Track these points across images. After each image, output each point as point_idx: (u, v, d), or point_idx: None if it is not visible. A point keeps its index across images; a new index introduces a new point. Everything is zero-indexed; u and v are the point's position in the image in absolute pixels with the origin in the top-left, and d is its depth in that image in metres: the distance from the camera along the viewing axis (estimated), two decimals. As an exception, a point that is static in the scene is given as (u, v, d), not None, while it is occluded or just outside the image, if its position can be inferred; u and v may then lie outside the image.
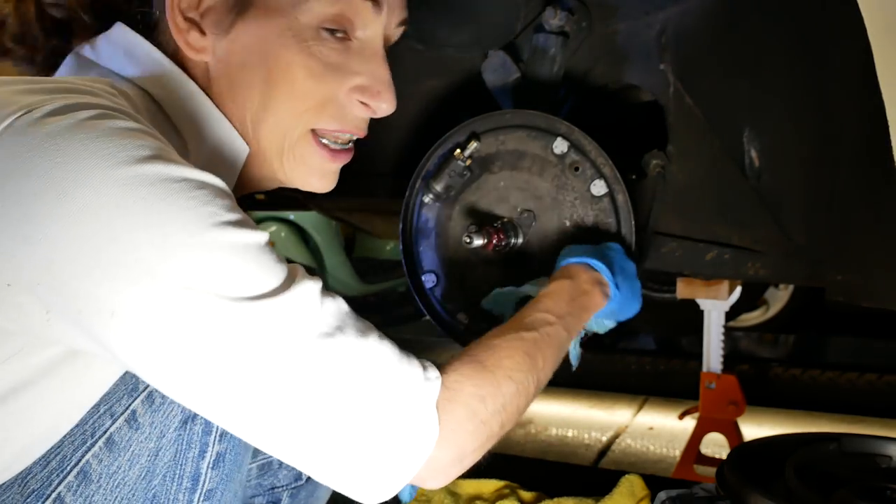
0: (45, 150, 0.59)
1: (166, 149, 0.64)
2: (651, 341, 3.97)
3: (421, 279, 1.31)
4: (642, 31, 1.32)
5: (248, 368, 0.61)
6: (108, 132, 0.61)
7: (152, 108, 0.76)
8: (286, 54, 0.79)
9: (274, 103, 0.81)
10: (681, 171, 1.34)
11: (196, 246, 0.60)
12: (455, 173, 1.25)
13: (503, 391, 0.74)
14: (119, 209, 0.58)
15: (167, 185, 0.60)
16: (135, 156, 0.60)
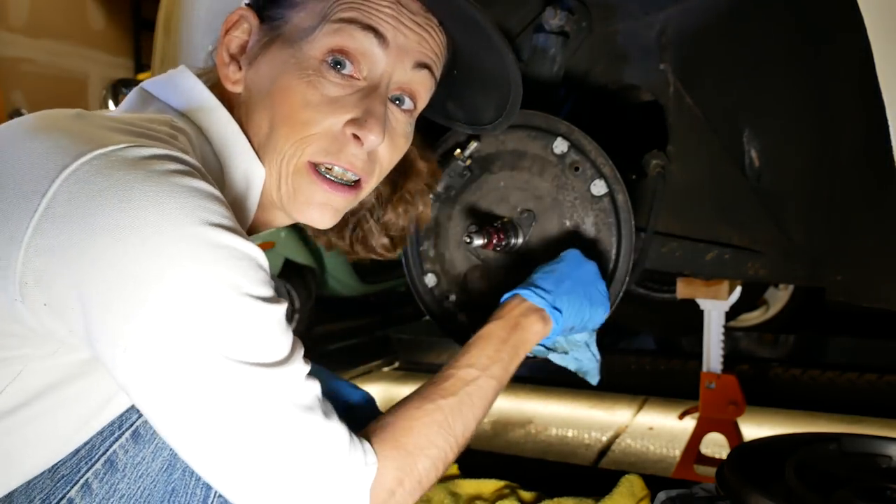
0: (121, 194, 0.65)
1: (230, 215, 0.71)
2: (651, 341, 3.97)
3: (421, 279, 1.31)
4: (642, 31, 1.32)
5: (233, 422, 0.68)
6: (187, 190, 0.67)
7: (200, 138, 0.83)
8: (287, 80, 0.84)
9: (276, 130, 0.85)
10: (681, 171, 1.34)
11: (226, 309, 0.67)
12: (455, 173, 1.25)
13: (419, 468, 0.83)
14: (173, 254, 0.65)
15: (221, 250, 0.67)
16: (205, 218, 0.67)
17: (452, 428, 0.88)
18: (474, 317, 1.29)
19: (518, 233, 1.22)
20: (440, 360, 3.79)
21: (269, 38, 0.86)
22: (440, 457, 0.86)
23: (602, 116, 1.45)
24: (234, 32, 0.88)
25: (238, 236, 0.69)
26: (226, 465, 0.70)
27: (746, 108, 1.25)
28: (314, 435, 0.73)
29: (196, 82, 0.86)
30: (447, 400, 0.89)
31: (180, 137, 0.76)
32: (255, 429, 0.69)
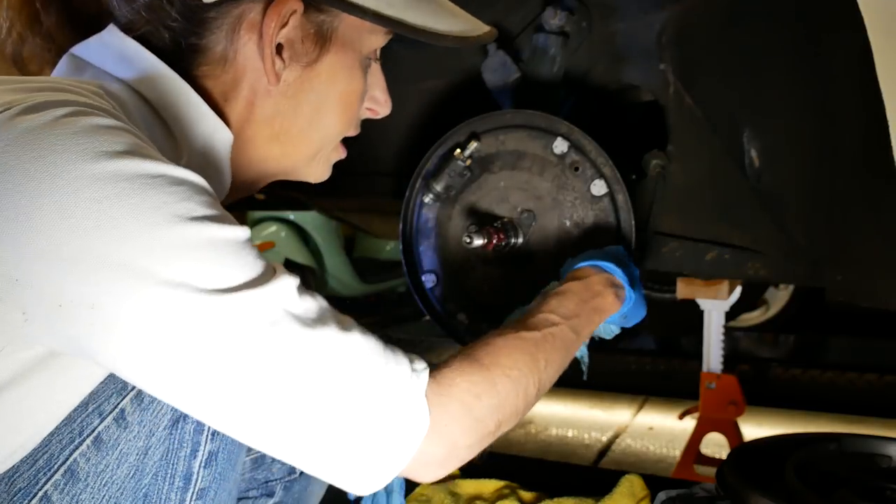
0: (20, 147, 0.59)
1: (143, 145, 0.64)
2: (651, 341, 3.97)
3: (421, 279, 1.31)
4: (642, 31, 1.32)
5: (230, 362, 0.61)
6: (84, 129, 0.61)
7: (144, 110, 0.76)
8: (354, 84, 0.87)
9: (326, 123, 0.87)
10: (681, 171, 1.34)
11: (173, 242, 0.60)
12: (455, 173, 1.25)
13: (499, 389, 0.73)
14: (94, 205, 0.58)
15: (143, 181, 0.60)
16: (110, 151, 0.60)
17: (536, 360, 0.79)
18: (474, 317, 1.29)
19: (518, 233, 1.22)
20: (440, 360, 3.78)
21: (323, 38, 0.83)
22: (524, 384, 0.76)
23: (602, 116, 1.45)
24: (289, 28, 0.80)
25: (164, 163, 0.63)
26: (238, 412, 0.63)
27: (746, 108, 1.25)
28: (331, 351, 0.64)
29: (135, 45, 0.77)
30: (531, 333, 0.82)
31: (103, 101, 0.68)
32: (257, 360, 0.61)
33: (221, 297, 0.61)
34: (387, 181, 1.62)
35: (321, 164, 0.92)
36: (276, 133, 0.85)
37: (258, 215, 4.18)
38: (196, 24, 0.77)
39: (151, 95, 0.77)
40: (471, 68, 1.44)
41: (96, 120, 0.63)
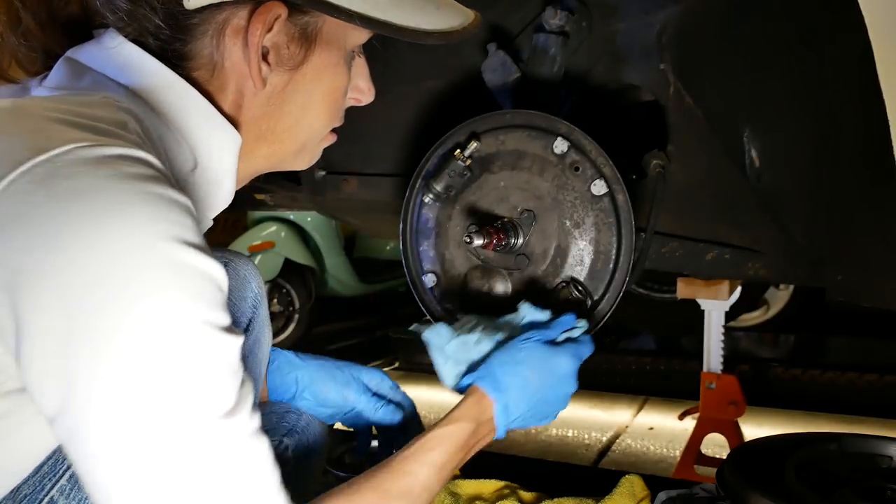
0: (85, 198, 0.58)
1: (195, 225, 0.64)
2: (651, 341, 3.97)
3: (421, 279, 1.31)
4: (642, 30, 1.32)
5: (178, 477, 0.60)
6: (156, 199, 0.61)
7: (153, 120, 0.75)
8: (339, 80, 0.86)
9: (312, 120, 0.86)
10: (681, 171, 1.34)
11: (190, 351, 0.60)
12: (455, 173, 1.25)
13: None
14: (142, 282, 0.58)
15: (186, 271, 0.61)
16: (174, 234, 0.61)
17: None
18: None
19: (518, 233, 1.22)
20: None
21: (308, 39, 0.82)
22: None
23: (602, 116, 1.45)
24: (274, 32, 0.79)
25: (203, 254, 0.63)
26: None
27: (746, 108, 1.25)
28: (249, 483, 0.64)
29: (132, 47, 0.76)
30: (393, 485, 0.82)
31: (130, 124, 0.69)
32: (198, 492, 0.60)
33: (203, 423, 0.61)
34: (387, 181, 1.62)
35: (308, 155, 0.92)
36: (262, 133, 0.84)
37: (258, 215, 4.18)
38: (180, 30, 0.76)
39: (157, 102, 0.76)
40: (471, 68, 1.44)
41: (162, 190, 0.62)
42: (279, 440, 1.20)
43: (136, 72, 0.76)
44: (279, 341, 4.19)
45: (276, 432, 1.20)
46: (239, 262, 0.97)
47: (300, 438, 1.22)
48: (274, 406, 1.24)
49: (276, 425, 1.21)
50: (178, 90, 0.77)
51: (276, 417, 1.22)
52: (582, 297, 1.19)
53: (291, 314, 4.24)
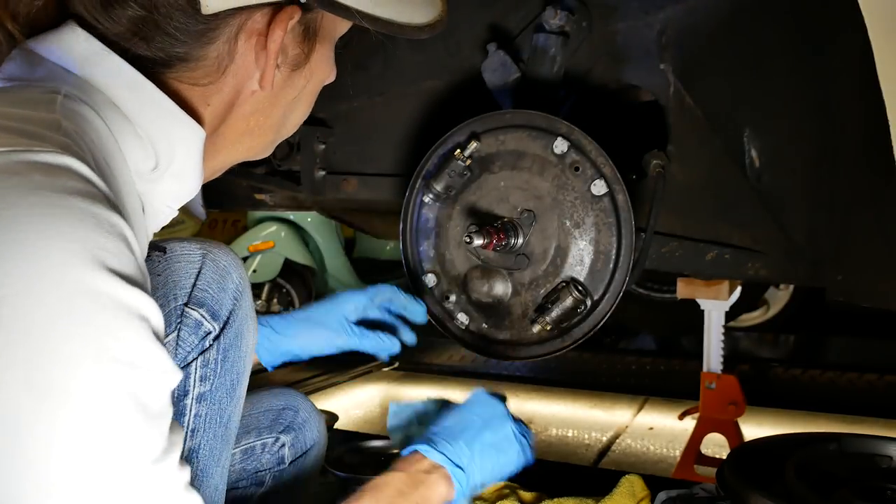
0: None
1: (128, 250, 0.60)
2: (651, 341, 3.97)
3: (421, 279, 1.31)
4: (642, 31, 1.32)
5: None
6: (86, 221, 0.56)
7: (114, 115, 0.72)
8: (327, 73, 0.85)
9: (298, 114, 0.85)
10: (681, 171, 1.34)
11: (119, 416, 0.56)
12: (455, 173, 1.25)
13: None
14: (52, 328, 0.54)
15: (100, 309, 0.56)
16: (103, 262, 0.56)
17: None
18: (474, 317, 1.29)
19: (518, 233, 1.22)
20: (440, 360, 3.79)
21: (310, 38, 0.81)
22: None
23: (602, 116, 1.44)
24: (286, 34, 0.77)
25: (121, 281, 0.58)
26: None
27: (747, 108, 1.25)
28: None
29: (91, 40, 0.72)
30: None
31: (63, 123, 0.63)
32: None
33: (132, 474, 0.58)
34: (387, 181, 1.62)
35: (272, 147, 0.90)
36: (251, 128, 0.82)
37: (258, 215, 4.18)
38: (191, 36, 0.73)
39: (118, 98, 0.72)
40: (471, 68, 1.44)
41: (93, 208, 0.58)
42: (275, 437, 1.19)
43: (97, 65, 0.72)
44: (279, 341, 4.19)
45: (272, 430, 1.20)
46: (218, 253, 0.95)
47: (297, 436, 1.22)
48: (270, 402, 1.24)
49: (273, 423, 1.21)
50: (139, 86, 0.73)
51: (272, 415, 1.22)
52: (582, 297, 1.19)
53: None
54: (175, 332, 0.88)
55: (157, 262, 0.88)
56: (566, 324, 1.21)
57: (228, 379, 0.93)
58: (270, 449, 1.19)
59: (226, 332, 0.92)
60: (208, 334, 0.91)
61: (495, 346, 1.28)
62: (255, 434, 1.20)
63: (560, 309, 1.18)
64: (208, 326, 0.91)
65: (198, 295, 0.90)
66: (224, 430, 0.94)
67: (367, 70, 1.56)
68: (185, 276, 0.90)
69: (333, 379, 3.56)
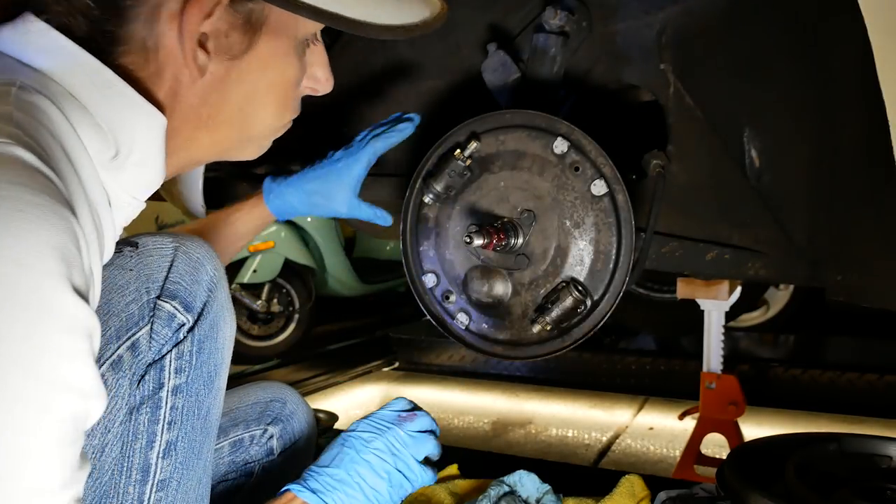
0: None
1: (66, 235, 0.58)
2: (651, 341, 3.97)
3: (421, 279, 1.31)
4: (642, 31, 1.32)
5: None
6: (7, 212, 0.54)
7: (67, 103, 0.70)
8: (289, 71, 0.82)
9: (259, 113, 0.82)
10: (681, 171, 1.34)
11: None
12: (455, 173, 1.25)
13: None
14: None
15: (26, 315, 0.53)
16: (46, 259, 0.54)
17: None
18: (474, 317, 1.29)
19: (518, 233, 1.22)
20: (440, 360, 3.79)
21: (252, 27, 0.78)
22: None
23: (602, 116, 1.45)
24: (214, 19, 0.75)
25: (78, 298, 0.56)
26: None
27: (747, 108, 1.25)
28: None
29: (48, 30, 0.71)
30: None
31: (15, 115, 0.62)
32: None
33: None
34: (387, 181, 1.62)
35: (255, 145, 0.88)
36: (203, 121, 0.79)
37: (258, 215, 4.18)
38: (112, 12, 0.71)
39: (75, 87, 0.71)
40: (471, 68, 1.44)
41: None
42: (263, 429, 1.20)
43: (54, 56, 0.70)
44: (279, 341, 4.20)
45: (259, 421, 1.20)
46: (192, 245, 0.93)
47: (285, 427, 1.23)
48: (258, 395, 1.24)
49: (261, 415, 1.21)
50: (97, 74, 0.71)
51: (260, 407, 1.23)
52: (582, 297, 1.19)
53: (291, 314, 4.24)
54: (148, 325, 0.87)
55: (129, 258, 0.87)
56: (566, 324, 1.21)
57: (205, 371, 0.92)
58: (259, 441, 1.20)
59: (200, 324, 0.91)
60: (182, 326, 0.90)
61: (495, 346, 1.28)
62: (244, 426, 1.21)
63: (560, 309, 1.18)
64: (182, 318, 0.89)
65: (170, 287, 0.89)
66: (203, 423, 0.93)
67: (367, 70, 1.57)
68: (157, 270, 0.89)
69: (333, 379, 3.56)
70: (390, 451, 1.02)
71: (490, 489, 1.41)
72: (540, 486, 1.42)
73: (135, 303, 0.85)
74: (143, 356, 0.86)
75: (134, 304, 0.85)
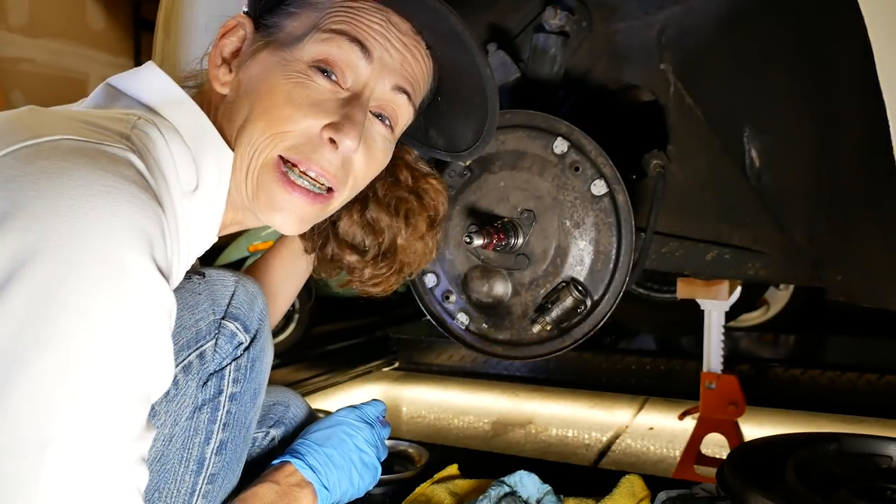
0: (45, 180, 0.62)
1: (159, 230, 0.67)
2: (651, 341, 3.97)
3: (421, 279, 1.31)
4: (642, 31, 1.32)
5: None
6: (119, 193, 0.64)
7: (176, 140, 0.81)
8: (274, 79, 0.85)
9: (252, 123, 0.85)
10: (681, 171, 1.34)
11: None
12: (455, 173, 1.25)
13: None
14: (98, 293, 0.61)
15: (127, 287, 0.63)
16: (141, 241, 0.64)
17: None
18: (474, 317, 1.29)
19: (518, 233, 1.22)
20: (440, 360, 3.79)
21: (263, 43, 0.88)
22: None
23: (602, 116, 1.45)
24: (230, 38, 0.90)
25: (163, 279, 0.66)
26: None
27: (747, 108, 1.25)
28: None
29: (164, 77, 0.85)
30: None
31: (133, 138, 0.74)
32: None
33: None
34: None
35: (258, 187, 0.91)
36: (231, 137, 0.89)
37: (258, 215, 4.18)
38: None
39: (179, 125, 0.82)
40: (471, 68, 1.44)
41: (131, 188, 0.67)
42: (265, 432, 1.23)
43: (165, 98, 0.83)
44: (279, 341, 4.20)
45: (262, 424, 1.23)
46: (247, 282, 1.05)
47: (287, 430, 1.25)
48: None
49: (263, 418, 1.24)
50: (193, 114, 0.84)
51: (262, 410, 1.25)
52: (582, 297, 1.19)
53: (291, 314, 4.23)
54: (213, 339, 0.97)
55: (198, 283, 0.98)
56: (566, 324, 1.21)
57: (252, 386, 1.03)
58: (260, 444, 1.22)
59: (254, 346, 1.03)
60: (240, 344, 1.01)
61: (495, 346, 1.28)
62: None
63: (560, 309, 1.18)
64: (241, 337, 1.00)
65: (232, 311, 1.00)
66: (246, 432, 1.03)
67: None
68: (221, 296, 1.00)
69: (333, 379, 3.56)
70: (374, 446, 1.13)
71: (490, 489, 1.41)
72: (540, 487, 1.42)
73: (203, 320, 0.96)
74: (207, 365, 0.96)
75: (203, 322, 0.96)
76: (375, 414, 1.17)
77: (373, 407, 1.18)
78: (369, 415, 1.17)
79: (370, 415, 1.17)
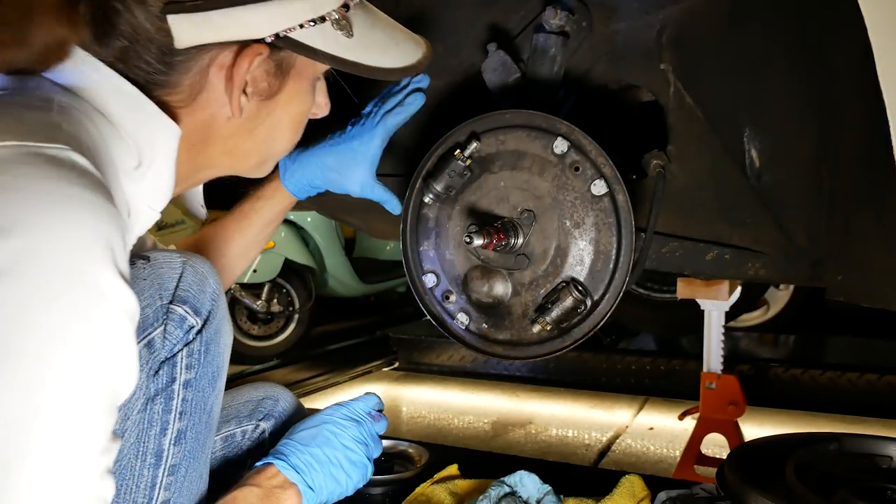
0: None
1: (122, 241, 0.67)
2: (651, 341, 3.97)
3: (421, 279, 1.31)
4: (642, 31, 1.31)
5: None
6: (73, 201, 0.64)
7: (98, 119, 0.77)
8: (306, 105, 0.95)
9: (278, 142, 0.95)
10: (681, 171, 1.34)
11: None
12: (455, 173, 1.25)
13: None
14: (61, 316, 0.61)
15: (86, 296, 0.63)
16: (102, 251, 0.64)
17: None
18: (474, 317, 1.29)
19: (518, 233, 1.22)
20: (440, 360, 3.79)
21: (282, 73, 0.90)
22: None
23: (602, 116, 1.44)
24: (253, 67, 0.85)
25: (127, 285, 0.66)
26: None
27: (747, 108, 1.25)
28: None
29: (90, 60, 0.78)
30: None
31: (64, 125, 0.71)
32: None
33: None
34: (387, 181, 1.62)
35: (267, 167, 1.01)
36: (228, 149, 0.91)
37: (258, 215, 4.18)
38: (167, 66, 0.81)
39: (100, 102, 0.79)
40: (471, 68, 1.44)
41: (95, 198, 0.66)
42: (255, 424, 1.23)
43: (85, 77, 0.78)
44: (279, 341, 4.20)
45: (251, 418, 1.24)
46: (197, 261, 1.03)
47: (277, 423, 1.26)
48: (250, 394, 1.27)
49: (252, 412, 1.25)
50: (123, 92, 0.80)
51: (252, 405, 1.27)
52: (582, 297, 1.19)
53: (291, 314, 4.24)
54: (162, 326, 0.95)
55: (142, 268, 0.96)
56: (566, 324, 1.21)
57: (210, 370, 1.01)
58: (251, 436, 1.23)
59: (207, 328, 1.01)
60: (192, 328, 0.98)
61: (495, 346, 1.28)
62: (235, 422, 1.26)
63: (560, 309, 1.18)
64: (192, 321, 0.98)
65: (181, 294, 0.98)
66: (207, 418, 1.01)
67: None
68: (169, 280, 0.98)
69: (333, 379, 3.56)
70: (363, 443, 1.12)
71: (490, 489, 1.41)
72: (541, 487, 1.42)
73: (149, 307, 0.93)
74: (157, 353, 0.94)
75: (149, 308, 0.93)
76: (366, 409, 1.16)
77: (363, 402, 1.17)
78: (357, 411, 1.15)
79: (358, 411, 1.15)
